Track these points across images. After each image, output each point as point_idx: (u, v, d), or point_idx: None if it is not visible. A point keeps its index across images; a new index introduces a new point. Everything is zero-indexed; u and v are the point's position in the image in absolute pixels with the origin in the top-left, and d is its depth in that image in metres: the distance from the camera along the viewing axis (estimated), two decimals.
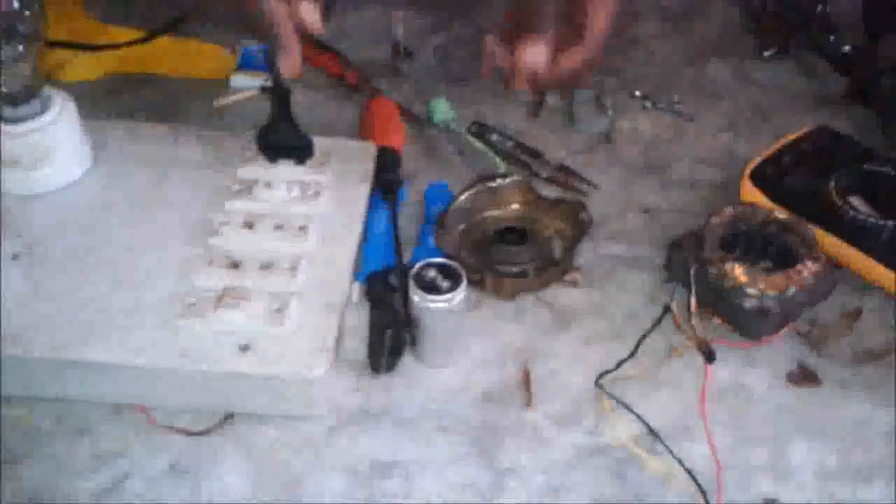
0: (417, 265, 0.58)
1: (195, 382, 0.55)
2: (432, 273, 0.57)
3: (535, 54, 0.61)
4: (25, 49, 0.63)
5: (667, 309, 0.59)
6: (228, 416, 0.57)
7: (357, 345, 0.60)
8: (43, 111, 0.64)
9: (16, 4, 0.62)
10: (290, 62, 0.60)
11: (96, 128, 0.68)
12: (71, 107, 0.65)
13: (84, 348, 0.55)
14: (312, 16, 0.60)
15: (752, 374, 0.60)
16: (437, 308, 0.57)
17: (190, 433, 0.56)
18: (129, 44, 0.78)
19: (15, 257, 0.60)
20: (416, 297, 0.57)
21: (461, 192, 0.68)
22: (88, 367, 0.55)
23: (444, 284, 0.57)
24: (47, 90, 0.65)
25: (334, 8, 0.84)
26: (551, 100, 0.80)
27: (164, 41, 0.82)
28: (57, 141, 0.64)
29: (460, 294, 0.57)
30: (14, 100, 0.64)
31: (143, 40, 0.78)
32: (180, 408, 0.57)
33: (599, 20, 0.63)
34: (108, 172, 0.66)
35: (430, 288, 0.57)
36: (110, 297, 0.58)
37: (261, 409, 0.56)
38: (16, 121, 0.64)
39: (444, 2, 0.89)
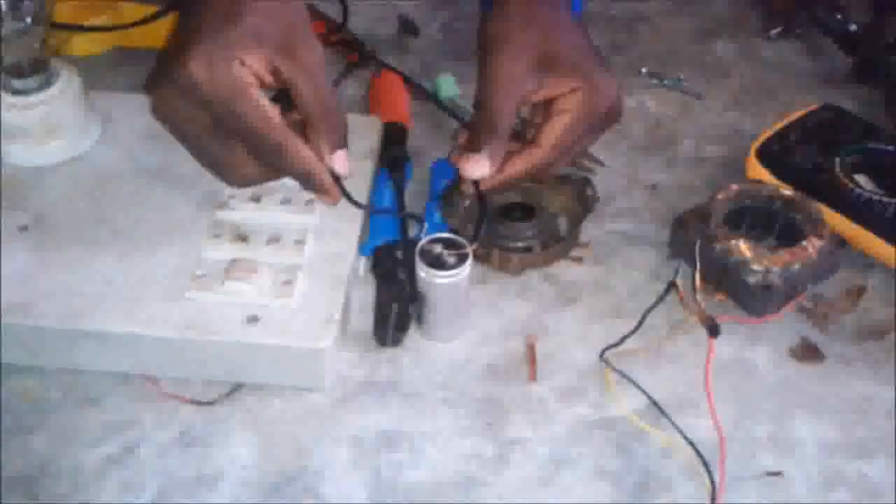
0: (424, 240, 0.58)
1: (203, 353, 0.56)
2: (438, 248, 0.58)
3: (474, 169, 0.58)
4: (33, 22, 0.63)
5: (672, 285, 0.60)
6: (236, 387, 0.57)
7: (363, 318, 0.61)
8: (50, 84, 0.64)
9: None
10: (332, 199, 0.56)
11: (104, 101, 0.68)
12: (77, 80, 0.66)
13: (93, 318, 0.56)
14: (342, 165, 0.55)
15: (756, 349, 0.60)
16: (443, 283, 0.57)
17: (198, 403, 0.56)
18: (135, 24, 0.78)
19: (23, 229, 0.61)
20: (423, 272, 0.57)
21: None
22: (97, 337, 0.55)
23: (451, 259, 0.57)
24: (54, 63, 0.66)
25: None
26: None
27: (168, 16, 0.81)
28: (64, 113, 0.65)
29: (466, 269, 0.57)
30: (21, 72, 0.64)
31: (150, 19, 0.77)
32: (189, 378, 0.57)
33: (556, 135, 0.58)
34: (115, 145, 0.67)
35: (437, 263, 0.57)
36: (118, 269, 0.58)
37: (268, 380, 0.57)
38: (23, 93, 0.64)
39: None
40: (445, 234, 0.59)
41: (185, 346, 0.55)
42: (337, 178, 0.55)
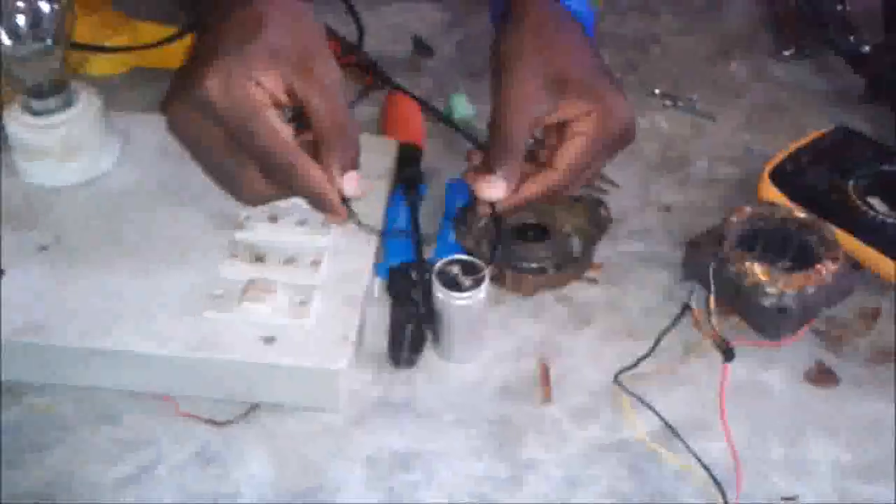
0: (440, 261, 0.58)
1: (220, 372, 0.56)
2: (455, 269, 0.58)
3: (490, 190, 0.58)
4: (53, 42, 0.64)
5: (686, 307, 0.60)
6: (252, 407, 0.57)
7: (378, 338, 0.61)
8: (70, 104, 0.65)
9: None
10: (339, 218, 0.55)
11: (123, 121, 0.69)
12: (97, 100, 0.66)
13: (111, 337, 0.56)
14: (352, 186, 0.54)
15: (770, 372, 0.61)
16: (459, 304, 0.57)
17: (215, 423, 0.57)
18: (153, 45, 0.79)
19: (43, 248, 0.61)
20: (440, 293, 0.57)
21: None
22: (115, 355, 0.56)
23: (467, 281, 0.58)
24: (74, 83, 0.66)
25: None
26: None
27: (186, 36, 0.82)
28: (84, 134, 0.65)
29: (482, 291, 0.58)
30: (41, 93, 0.65)
31: (168, 40, 0.78)
32: (205, 397, 0.57)
33: (571, 157, 0.59)
34: (134, 165, 0.67)
35: (453, 284, 0.57)
36: (137, 288, 0.59)
37: (284, 400, 0.57)
38: (43, 114, 0.65)
39: None
40: (462, 256, 0.59)
41: (202, 366, 0.56)
42: (346, 200, 0.55)
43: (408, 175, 0.69)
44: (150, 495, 0.54)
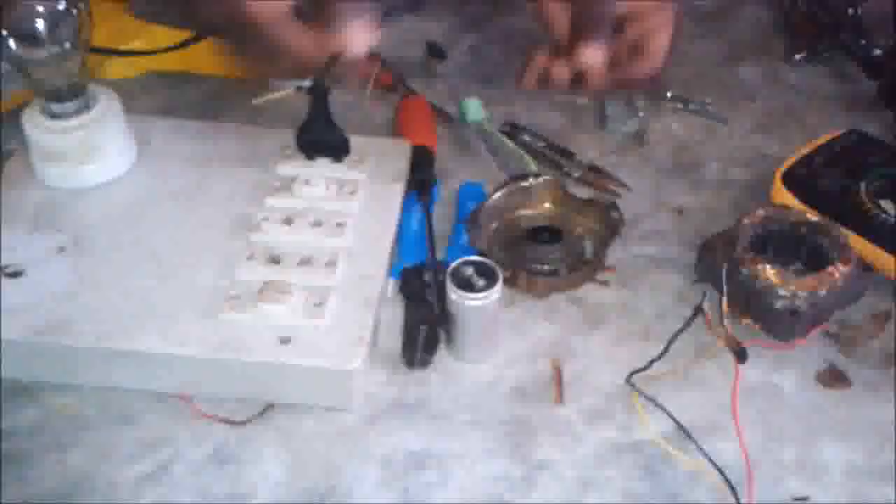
0: (455, 263, 0.59)
1: (237, 372, 0.57)
2: (469, 271, 0.59)
3: (592, 55, 0.65)
4: (71, 46, 0.65)
5: (699, 309, 0.60)
6: (268, 407, 0.58)
7: (392, 339, 0.62)
8: (89, 107, 0.66)
9: (63, 3, 0.64)
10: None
11: (140, 124, 0.69)
12: (116, 104, 0.67)
13: (129, 338, 0.57)
14: (361, 40, 0.59)
15: (782, 374, 0.61)
16: (473, 305, 0.58)
17: (231, 422, 0.57)
18: (169, 49, 0.80)
19: (61, 250, 0.62)
20: (454, 294, 0.58)
21: (494, 192, 0.69)
22: (133, 356, 0.57)
23: (480, 282, 0.58)
24: (93, 87, 0.67)
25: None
26: (580, 100, 0.81)
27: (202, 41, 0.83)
28: (102, 137, 0.66)
29: (496, 292, 0.58)
30: (60, 96, 0.65)
31: (184, 44, 0.79)
32: (222, 397, 0.58)
33: (661, 37, 0.68)
34: (151, 168, 0.68)
35: (467, 285, 0.58)
36: (154, 290, 0.59)
37: (299, 399, 0.58)
38: (62, 117, 0.65)
39: (477, 1, 0.90)
40: (476, 258, 0.59)
41: (219, 366, 0.56)
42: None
43: (421, 178, 0.70)
44: (167, 494, 0.54)
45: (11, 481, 0.54)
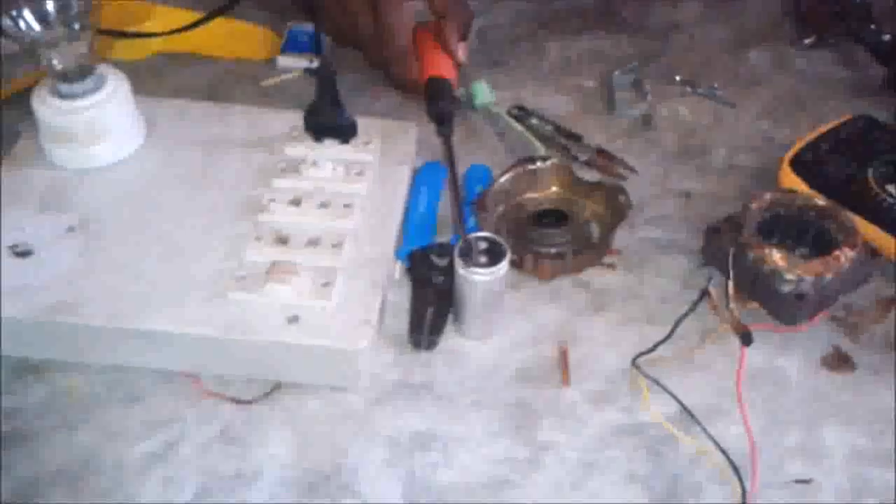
0: (463, 238, 0.59)
1: (244, 352, 0.57)
2: (477, 247, 0.59)
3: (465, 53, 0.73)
4: (80, 27, 0.65)
5: (704, 293, 0.60)
6: (275, 387, 0.58)
7: (398, 321, 0.62)
8: (97, 88, 0.66)
9: None
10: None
11: (148, 106, 0.70)
12: (124, 85, 0.67)
13: (138, 318, 0.57)
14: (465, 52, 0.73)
15: (787, 358, 0.61)
16: (480, 280, 0.58)
17: (238, 402, 0.58)
18: (176, 31, 0.80)
19: (70, 230, 0.62)
20: (461, 269, 0.58)
21: (501, 175, 0.69)
22: (142, 336, 0.57)
23: (487, 259, 0.58)
24: (102, 68, 0.67)
25: None
26: (590, 83, 0.81)
27: (210, 22, 0.83)
28: (111, 117, 0.66)
29: (503, 268, 0.58)
30: (69, 77, 0.66)
31: (193, 25, 0.79)
32: (229, 377, 0.59)
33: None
34: (160, 149, 0.68)
35: (475, 261, 0.58)
36: (163, 270, 0.60)
37: (306, 379, 0.58)
38: (71, 97, 0.66)
39: None
40: (484, 234, 0.60)
41: (227, 346, 0.57)
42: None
43: (439, 109, 0.67)
44: (174, 473, 0.55)
45: (20, 459, 0.55)
